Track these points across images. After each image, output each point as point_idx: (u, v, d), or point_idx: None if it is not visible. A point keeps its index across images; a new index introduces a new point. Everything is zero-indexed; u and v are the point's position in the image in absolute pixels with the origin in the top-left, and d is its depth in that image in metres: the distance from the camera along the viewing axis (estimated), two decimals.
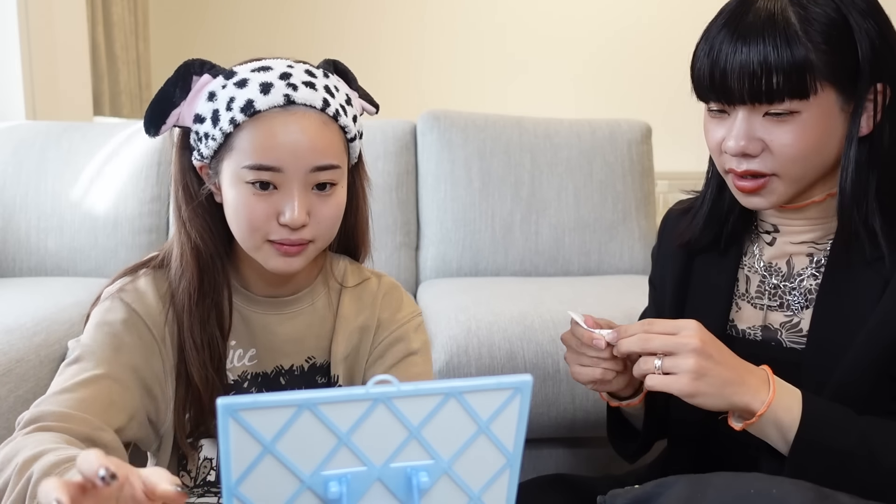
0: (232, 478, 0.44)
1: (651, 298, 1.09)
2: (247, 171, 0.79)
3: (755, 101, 0.79)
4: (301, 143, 0.79)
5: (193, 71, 0.82)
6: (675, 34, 3.67)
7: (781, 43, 0.77)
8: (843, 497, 0.69)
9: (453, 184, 1.95)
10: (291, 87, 0.80)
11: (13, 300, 1.51)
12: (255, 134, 0.79)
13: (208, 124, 0.81)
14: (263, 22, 3.68)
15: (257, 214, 0.80)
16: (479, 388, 0.46)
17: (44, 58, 2.44)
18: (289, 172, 0.79)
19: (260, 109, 0.79)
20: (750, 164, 0.83)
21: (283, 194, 0.80)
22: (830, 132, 0.81)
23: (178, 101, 0.82)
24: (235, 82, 0.81)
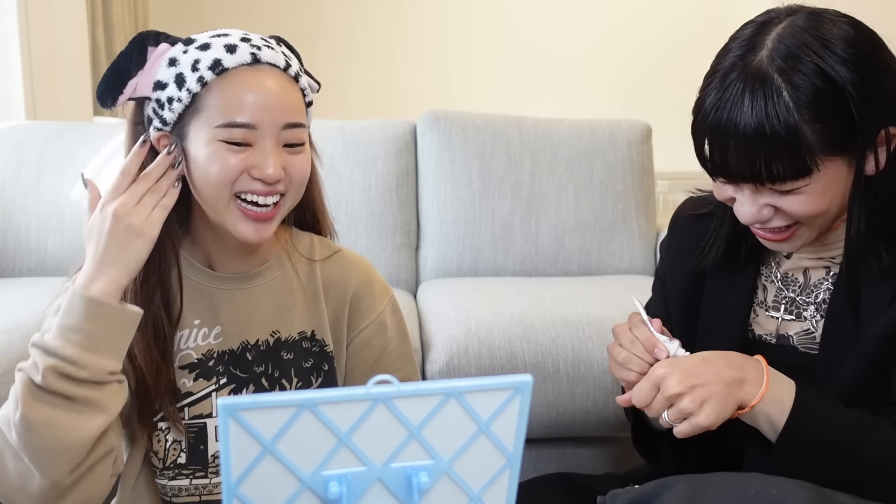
0: (232, 478, 0.44)
1: (659, 292, 1.08)
2: (219, 130, 0.79)
3: (758, 182, 0.78)
4: (271, 99, 0.81)
5: (148, 42, 0.82)
6: (675, 34, 3.67)
7: (778, 126, 0.74)
8: (842, 497, 0.69)
9: (453, 184, 1.95)
10: (255, 48, 0.82)
11: (13, 300, 1.51)
12: (226, 92, 0.80)
13: (172, 88, 0.81)
14: (263, 22, 3.68)
15: (231, 169, 0.80)
16: (479, 388, 0.46)
17: (44, 58, 2.44)
18: (262, 129, 0.80)
19: (228, 67, 0.80)
20: (767, 225, 0.82)
21: (257, 150, 0.81)
22: (841, 186, 0.79)
23: (135, 72, 0.81)
24: (197, 46, 0.82)
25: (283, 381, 0.92)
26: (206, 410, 0.89)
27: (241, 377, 0.91)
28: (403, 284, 1.95)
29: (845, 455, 0.77)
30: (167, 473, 0.89)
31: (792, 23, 0.77)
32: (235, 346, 0.91)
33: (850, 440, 0.77)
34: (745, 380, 0.78)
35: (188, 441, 0.89)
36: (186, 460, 0.89)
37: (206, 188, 0.82)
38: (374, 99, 3.65)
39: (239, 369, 0.91)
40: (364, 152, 1.95)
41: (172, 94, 0.81)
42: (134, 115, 0.87)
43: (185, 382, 0.89)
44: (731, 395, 0.77)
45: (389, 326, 0.97)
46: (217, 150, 0.80)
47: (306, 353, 0.93)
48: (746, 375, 0.79)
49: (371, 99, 3.65)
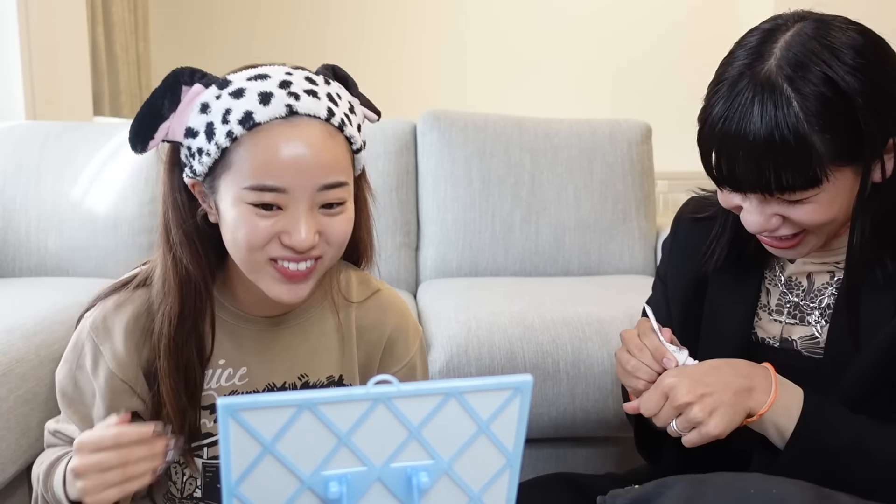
0: (232, 477, 0.44)
1: (660, 292, 1.07)
2: (247, 192, 0.73)
3: (766, 192, 0.77)
4: (306, 158, 0.73)
5: (183, 80, 0.76)
6: (675, 35, 3.67)
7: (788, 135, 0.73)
8: (842, 497, 0.69)
9: (453, 184, 1.95)
10: (293, 97, 0.74)
11: (13, 300, 1.51)
12: (256, 150, 0.73)
13: (202, 139, 0.74)
14: (263, 21, 3.68)
15: (259, 234, 0.74)
16: (479, 388, 0.46)
17: (44, 58, 2.44)
18: (294, 192, 0.73)
19: (260, 122, 0.73)
20: (774, 233, 0.82)
21: (288, 215, 0.74)
22: (849, 196, 0.79)
23: (167, 114, 0.75)
24: (231, 92, 0.74)
25: None
26: None
27: None
28: (403, 284, 1.95)
29: (854, 461, 0.76)
30: (185, 502, 0.89)
31: (800, 30, 0.76)
32: (261, 388, 0.88)
33: (858, 446, 0.77)
34: (754, 388, 0.78)
35: (205, 480, 0.87)
36: (202, 495, 0.88)
37: (236, 251, 0.78)
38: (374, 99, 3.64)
39: None
40: (364, 152, 1.95)
41: (202, 146, 0.74)
42: (170, 157, 0.80)
43: (205, 423, 0.86)
44: (740, 404, 0.77)
45: (418, 370, 0.96)
46: (245, 213, 0.74)
47: None
48: (755, 384, 0.79)
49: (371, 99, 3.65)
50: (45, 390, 1.31)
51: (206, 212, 0.80)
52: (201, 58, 3.65)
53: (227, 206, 0.75)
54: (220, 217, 0.78)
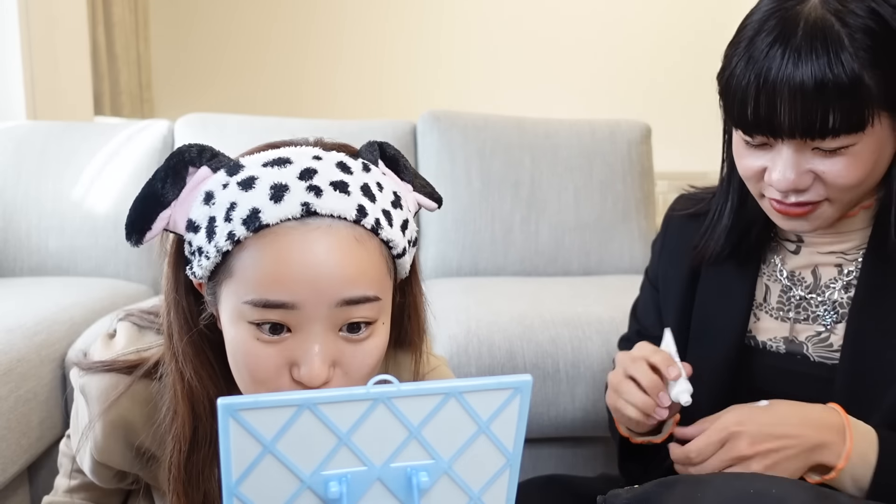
0: (232, 478, 0.44)
1: (648, 293, 1.04)
2: (249, 308, 0.59)
3: (807, 136, 0.71)
4: (324, 269, 0.58)
5: (188, 160, 0.62)
6: (675, 34, 3.67)
7: (837, 66, 0.68)
8: (842, 497, 0.69)
9: (453, 184, 1.95)
10: (314, 192, 0.59)
11: (13, 300, 1.51)
12: (261, 256, 0.58)
13: (202, 236, 0.61)
14: (263, 21, 3.68)
15: (264, 366, 0.60)
16: (479, 388, 0.46)
17: (44, 58, 2.44)
18: (307, 310, 0.58)
19: (268, 223, 0.58)
20: (799, 197, 0.76)
21: (298, 339, 0.59)
22: (883, 154, 0.75)
23: (169, 200, 0.62)
24: (240, 181, 0.60)
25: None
26: None
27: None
28: None
29: None
30: None
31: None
32: None
33: None
34: (826, 444, 0.72)
35: None
36: None
37: (240, 380, 0.63)
38: (374, 99, 3.65)
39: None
40: None
41: (202, 245, 0.61)
42: (174, 249, 0.66)
43: None
44: (806, 461, 0.72)
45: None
46: (245, 336, 0.60)
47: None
48: (826, 439, 0.72)
49: (371, 99, 3.65)
50: (45, 390, 1.31)
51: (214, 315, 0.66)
52: (202, 58, 3.65)
53: (227, 321, 0.62)
54: (223, 331, 0.64)
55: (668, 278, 0.98)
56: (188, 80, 3.62)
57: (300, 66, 3.66)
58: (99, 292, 1.63)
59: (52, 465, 1.42)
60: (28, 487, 1.40)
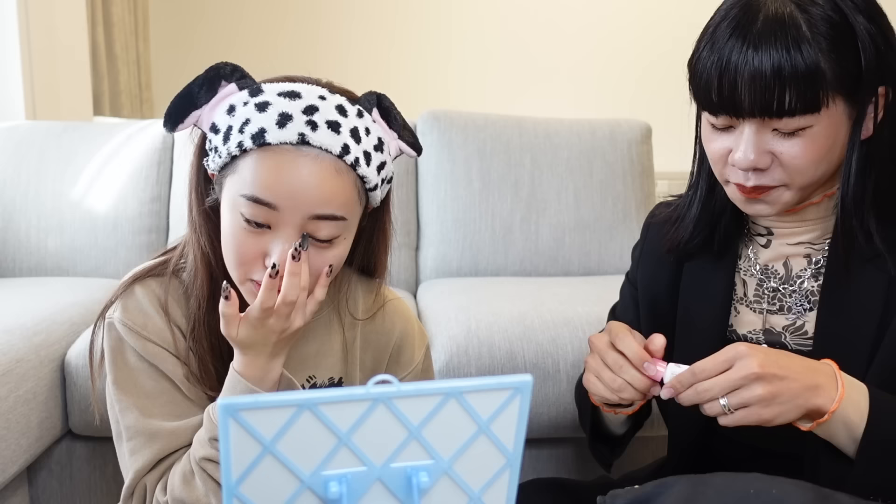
0: (232, 478, 0.44)
1: (628, 295, 1.06)
2: (243, 201, 0.74)
3: (766, 115, 0.76)
4: (304, 186, 0.74)
5: (223, 75, 0.78)
6: (675, 34, 3.66)
7: (794, 51, 0.74)
8: (842, 497, 0.69)
9: (453, 184, 1.95)
10: (310, 126, 0.74)
11: (13, 300, 1.51)
12: (260, 165, 0.74)
13: (220, 139, 0.76)
14: (263, 21, 3.68)
15: (245, 251, 0.76)
16: (479, 388, 0.46)
17: (44, 58, 2.44)
18: (285, 213, 0.74)
19: (270, 142, 0.74)
20: (759, 179, 0.80)
21: (274, 235, 0.75)
22: (838, 139, 0.79)
23: (201, 104, 0.78)
24: (257, 103, 0.76)
25: None
26: None
27: None
28: (403, 284, 1.95)
29: None
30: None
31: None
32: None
33: None
34: (820, 386, 0.74)
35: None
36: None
37: (226, 258, 0.79)
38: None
39: None
40: None
41: (218, 146, 0.77)
42: (200, 142, 0.83)
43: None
44: (803, 400, 0.73)
45: (425, 376, 0.97)
46: (236, 224, 0.76)
47: None
48: (821, 381, 0.74)
49: None
50: (45, 390, 1.31)
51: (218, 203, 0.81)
52: (201, 58, 3.65)
53: (225, 207, 0.78)
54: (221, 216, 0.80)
55: (650, 282, 1.00)
56: (188, 80, 3.61)
57: (301, 66, 3.66)
58: (98, 292, 1.63)
59: (52, 465, 1.42)
60: (28, 487, 1.40)
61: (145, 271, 0.87)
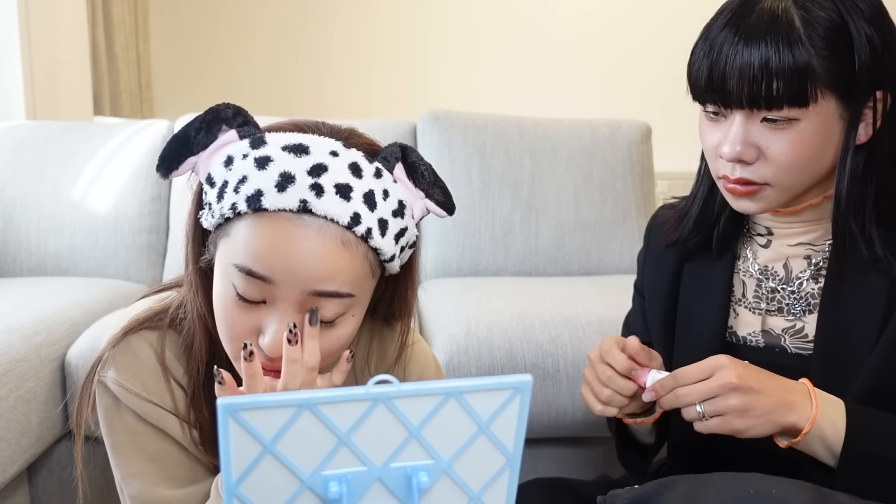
0: (232, 477, 0.44)
1: (637, 304, 1.08)
2: (235, 271, 0.65)
3: (754, 105, 0.77)
4: (304, 261, 0.64)
5: (224, 118, 0.68)
6: (675, 34, 3.67)
7: (784, 47, 0.74)
8: (842, 497, 0.69)
9: (453, 184, 1.95)
10: (315, 190, 0.64)
11: (13, 300, 1.51)
12: (254, 233, 0.64)
13: (214, 194, 0.67)
14: (263, 22, 3.68)
15: (237, 326, 0.67)
16: (479, 388, 0.46)
17: (44, 58, 2.44)
18: (281, 290, 0.65)
19: (267, 208, 0.64)
20: (744, 172, 0.80)
21: (269, 311, 0.66)
22: (828, 140, 0.79)
23: (197, 150, 0.68)
24: (258, 157, 0.65)
25: None
26: None
27: None
28: None
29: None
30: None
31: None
32: None
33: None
34: (794, 404, 0.75)
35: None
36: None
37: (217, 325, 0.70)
38: (374, 99, 3.65)
39: None
40: None
41: (212, 202, 0.67)
42: (198, 190, 0.73)
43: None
44: (777, 416, 0.75)
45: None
46: (228, 295, 0.67)
47: None
48: (795, 399, 0.76)
49: (371, 99, 3.65)
50: (45, 390, 1.31)
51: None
52: (202, 58, 3.65)
53: (218, 272, 0.69)
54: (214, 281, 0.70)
55: (653, 284, 1.00)
56: (188, 80, 3.62)
57: (301, 66, 3.66)
58: (98, 293, 1.63)
59: (52, 465, 1.42)
60: (28, 487, 1.40)
61: (139, 323, 0.77)
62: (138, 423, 0.75)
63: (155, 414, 0.75)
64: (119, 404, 0.75)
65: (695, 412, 0.77)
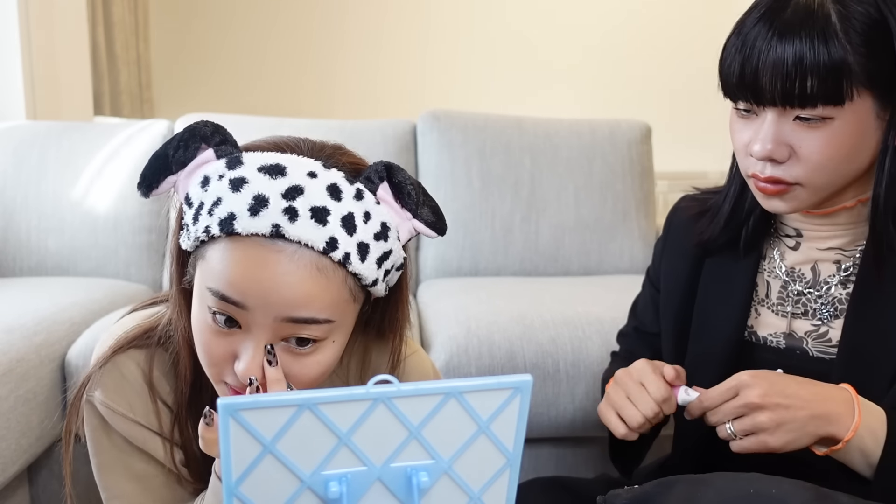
0: (232, 477, 0.44)
1: (648, 293, 1.06)
2: (209, 295, 0.64)
3: (787, 103, 0.75)
4: (276, 288, 0.62)
5: (202, 136, 0.66)
6: (675, 34, 3.67)
7: (819, 43, 0.72)
8: (842, 497, 0.69)
9: (453, 184, 1.95)
10: (289, 214, 0.62)
11: (13, 300, 1.51)
12: (227, 257, 0.63)
13: (191, 215, 0.65)
14: (263, 22, 3.68)
15: (214, 351, 0.66)
16: (479, 388, 0.46)
17: (44, 58, 2.44)
18: (255, 315, 0.63)
19: (238, 232, 0.62)
20: (774, 171, 0.78)
21: (244, 337, 0.64)
22: (864, 140, 0.76)
23: (176, 169, 0.67)
24: (233, 179, 0.63)
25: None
26: None
27: None
28: None
29: None
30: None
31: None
32: None
33: None
34: (832, 415, 0.73)
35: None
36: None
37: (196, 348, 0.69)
38: (374, 99, 3.65)
39: None
40: (364, 152, 1.93)
41: (189, 224, 0.66)
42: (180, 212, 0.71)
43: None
44: (813, 427, 0.73)
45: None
46: (204, 321, 0.66)
47: None
48: (833, 410, 0.73)
49: (371, 99, 3.65)
50: (45, 390, 1.31)
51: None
52: (202, 58, 3.65)
53: (196, 294, 0.67)
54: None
55: (671, 276, 0.99)
56: (188, 80, 3.62)
57: (300, 66, 3.66)
58: (98, 292, 1.63)
59: (52, 465, 1.42)
60: (28, 487, 1.40)
61: (128, 342, 0.76)
62: (125, 444, 0.75)
63: (141, 436, 0.75)
64: (106, 425, 0.75)
65: (725, 431, 0.76)
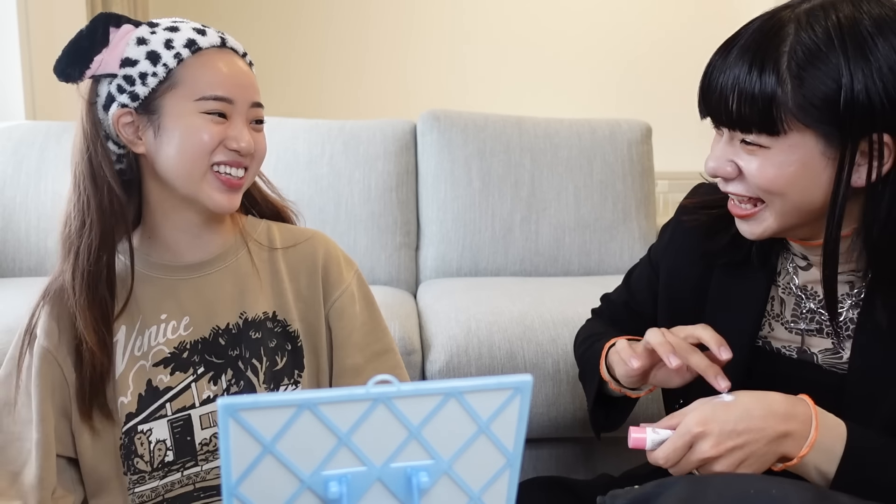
0: (232, 478, 0.44)
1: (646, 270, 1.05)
2: (201, 103, 0.85)
3: (728, 126, 0.78)
4: (243, 78, 0.88)
5: (112, 22, 0.86)
6: (675, 34, 3.67)
7: (755, 71, 0.74)
8: (842, 497, 0.69)
9: (453, 184, 1.95)
10: (219, 33, 0.90)
11: (13, 300, 1.51)
12: (203, 69, 0.86)
13: (145, 64, 0.85)
14: (263, 22, 3.68)
15: (211, 139, 0.85)
16: (479, 388, 0.46)
17: (44, 58, 2.43)
18: (237, 104, 0.87)
19: (202, 46, 0.87)
20: (728, 187, 0.81)
21: (232, 125, 0.87)
22: (807, 174, 0.75)
23: (100, 48, 0.85)
24: (166, 27, 0.88)
25: (253, 362, 0.93)
26: (188, 402, 0.90)
27: (218, 363, 0.92)
28: (403, 284, 1.95)
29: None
30: (157, 474, 0.90)
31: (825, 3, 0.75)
32: (207, 334, 0.92)
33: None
34: (790, 433, 0.73)
35: (174, 438, 0.90)
36: (174, 457, 0.90)
37: (183, 161, 0.86)
38: (374, 99, 3.65)
39: (214, 356, 0.92)
40: (364, 152, 1.95)
41: (146, 70, 0.85)
42: (90, 94, 0.89)
43: (161, 378, 0.90)
44: (772, 452, 0.73)
45: (357, 298, 0.99)
46: (198, 122, 0.85)
47: (270, 333, 0.94)
48: (791, 428, 0.73)
49: (371, 99, 3.65)
50: None
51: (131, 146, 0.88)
52: None
53: (175, 119, 0.86)
54: (159, 136, 0.86)
55: (675, 280, 0.98)
56: None
57: (299, 66, 3.66)
58: None
59: None
60: None
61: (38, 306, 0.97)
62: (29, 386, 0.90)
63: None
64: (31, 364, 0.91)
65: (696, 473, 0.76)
